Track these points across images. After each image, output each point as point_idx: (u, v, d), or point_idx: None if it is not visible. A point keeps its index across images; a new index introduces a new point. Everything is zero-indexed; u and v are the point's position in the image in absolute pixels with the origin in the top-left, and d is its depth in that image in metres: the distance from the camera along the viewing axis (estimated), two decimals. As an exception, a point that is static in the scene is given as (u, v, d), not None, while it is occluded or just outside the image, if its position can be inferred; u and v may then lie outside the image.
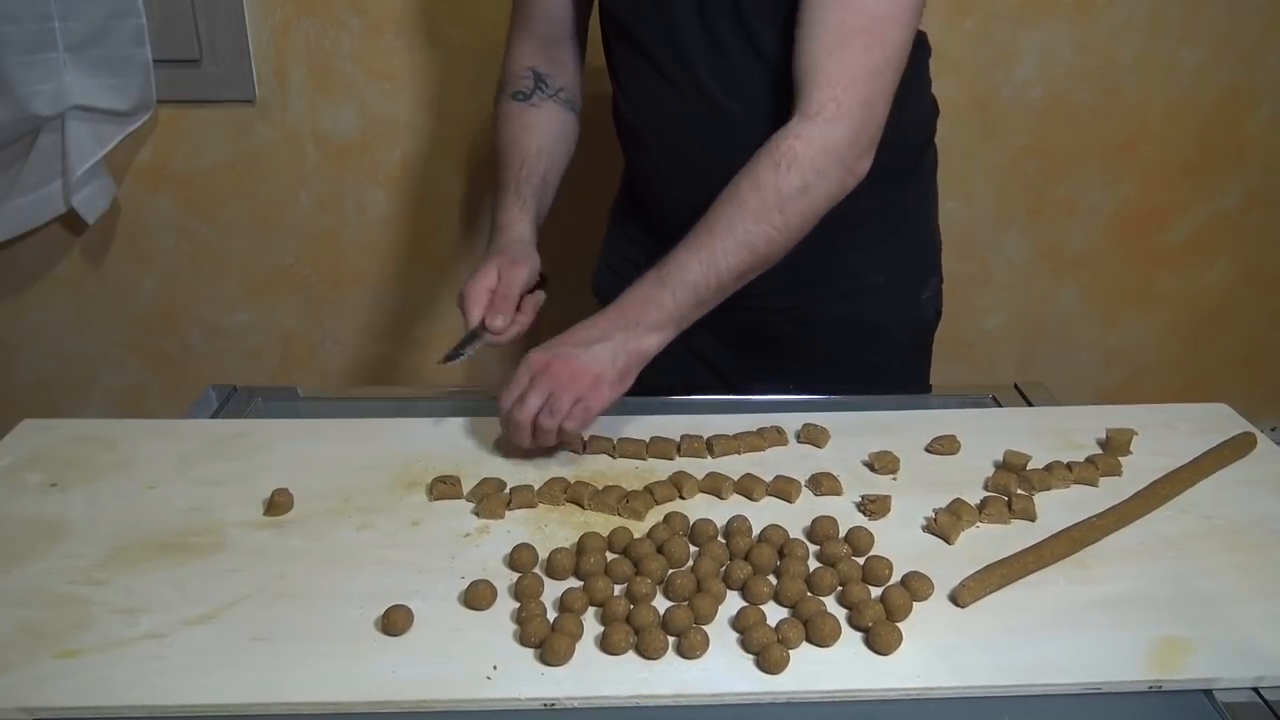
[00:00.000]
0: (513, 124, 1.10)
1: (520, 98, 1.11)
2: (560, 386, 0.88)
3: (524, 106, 1.11)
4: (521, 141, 1.09)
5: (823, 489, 0.87)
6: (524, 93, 1.12)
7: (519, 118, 1.10)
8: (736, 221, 0.91)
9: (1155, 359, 1.98)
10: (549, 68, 1.13)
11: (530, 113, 1.11)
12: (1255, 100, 1.75)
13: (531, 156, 1.08)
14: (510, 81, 1.13)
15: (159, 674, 0.66)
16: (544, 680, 0.67)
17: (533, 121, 1.10)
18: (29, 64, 1.45)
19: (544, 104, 1.12)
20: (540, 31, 1.13)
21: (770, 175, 0.91)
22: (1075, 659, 0.69)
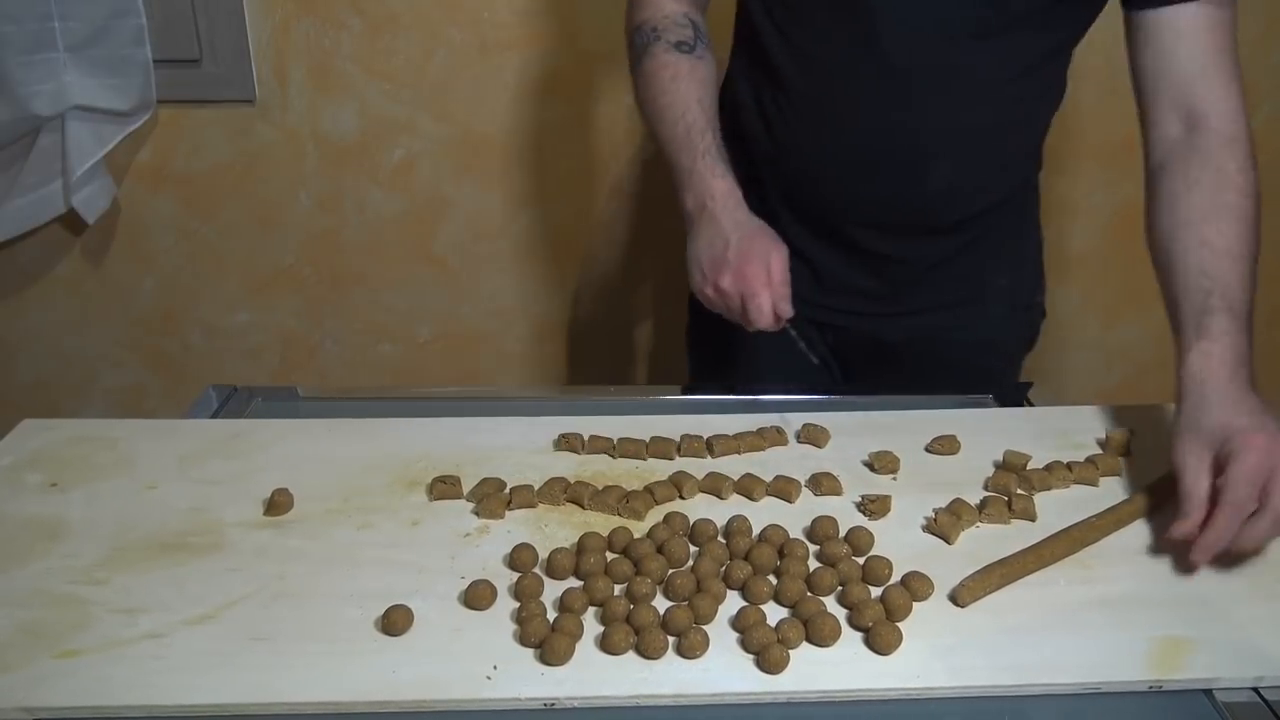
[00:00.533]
0: (686, 80, 1.00)
1: (685, 49, 1.01)
2: None
3: (692, 60, 1.02)
4: (704, 100, 1.00)
5: (823, 489, 0.87)
6: (688, 43, 1.02)
7: (691, 73, 1.01)
8: (1249, 232, 0.88)
9: (1155, 359, 1.98)
10: (698, 14, 1.05)
11: (700, 67, 1.02)
12: (1255, 100, 1.75)
13: (713, 116, 1.00)
14: (666, 28, 1.02)
15: (159, 674, 0.66)
16: (544, 680, 0.67)
17: (704, 77, 1.02)
18: (29, 64, 1.46)
19: (706, 56, 1.03)
20: None
21: (1243, 178, 0.90)
22: (1075, 659, 0.69)
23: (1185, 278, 0.87)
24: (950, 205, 1.06)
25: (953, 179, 1.03)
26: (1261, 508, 0.74)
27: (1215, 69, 0.94)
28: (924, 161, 1.02)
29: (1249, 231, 0.88)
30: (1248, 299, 0.85)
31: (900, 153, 1.01)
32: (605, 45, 1.01)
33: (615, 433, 0.94)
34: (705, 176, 0.96)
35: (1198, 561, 0.75)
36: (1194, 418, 0.81)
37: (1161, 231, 0.91)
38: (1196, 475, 0.78)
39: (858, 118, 1.01)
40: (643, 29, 1.03)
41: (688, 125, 0.98)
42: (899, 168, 1.02)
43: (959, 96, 0.99)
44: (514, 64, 1.62)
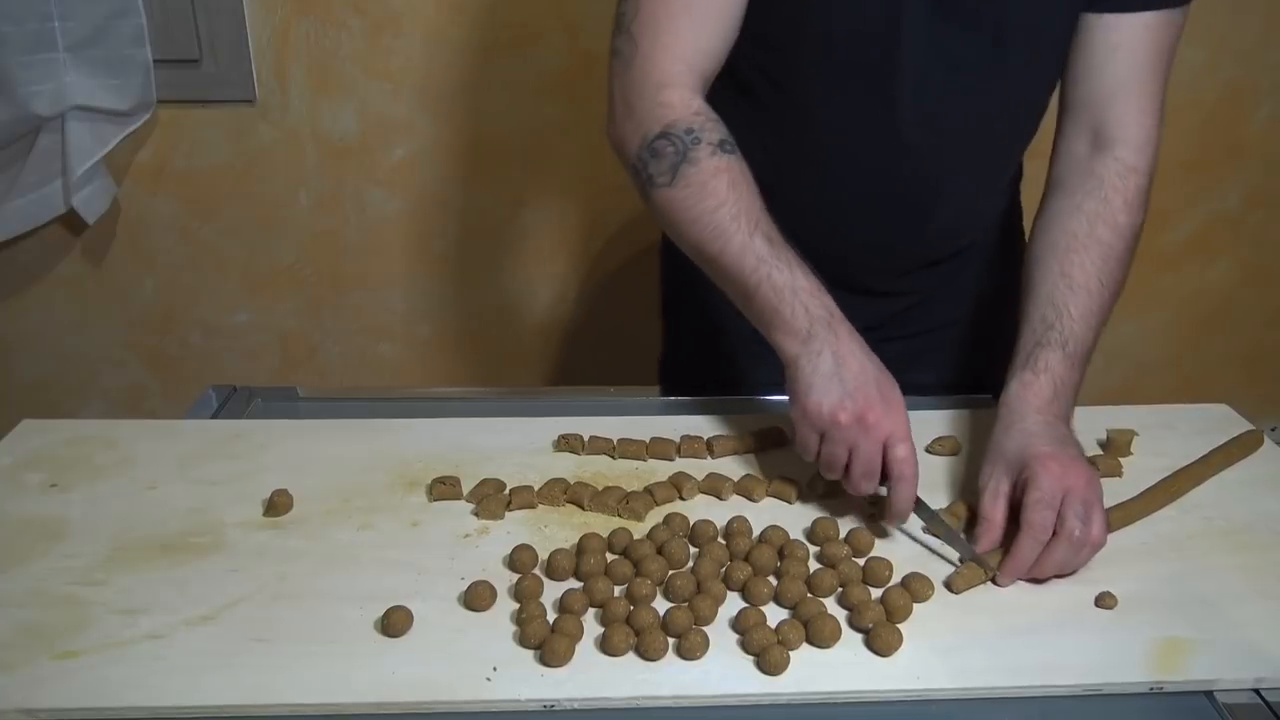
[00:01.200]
0: (745, 186, 0.86)
1: (729, 148, 0.87)
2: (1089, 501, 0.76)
3: (737, 159, 0.87)
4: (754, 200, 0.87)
5: (823, 490, 0.87)
6: (729, 143, 0.87)
7: (744, 175, 0.87)
8: (1107, 274, 0.89)
9: (1155, 359, 1.98)
10: None
11: (744, 167, 0.88)
12: (1255, 100, 1.75)
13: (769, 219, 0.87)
14: (703, 127, 0.86)
15: (159, 674, 0.66)
16: (544, 681, 0.67)
17: (749, 175, 0.88)
18: (29, 64, 1.46)
19: (742, 157, 0.88)
20: (706, 58, 0.90)
21: (1125, 217, 0.90)
22: (1075, 659, 0.69)
23: (1035, 305, 0.89)
24: (950, 240, 1.05)
25: (956, 216, 1.02)
26: (1056, 533, 0.75)
27: (1138, 90, 0.92)
28: (927, 206, 0.99)
29: (1114, 271, 0.90)
30: (1089, 336, 0.88)
31: (905, 199, 0.98)
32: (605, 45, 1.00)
33: (615, 433, 0.94)
34: (810, 291, 0.83)
35: (1004, 584, 0.76)
36: (999, 442, 0.82)
37: (1034, 249, 0.93)
38: (993, 499, 0.80)
39: (860, 166, 0.97)
40: (672, 134, 0.86)
41: (766, 236, 0.84)
42: (903, 213, 0.99)
43: (963, 145, 0.96)
44: (514, 64, 1.62)
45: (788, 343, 0.83)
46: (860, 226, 0.99)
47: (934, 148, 0.95)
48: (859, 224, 0.99)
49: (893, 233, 1.00)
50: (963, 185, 0.99)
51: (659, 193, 0.87)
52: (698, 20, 0.87)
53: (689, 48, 0.88)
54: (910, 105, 0.92)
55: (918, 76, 0.90)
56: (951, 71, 0.91)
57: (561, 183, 1.71)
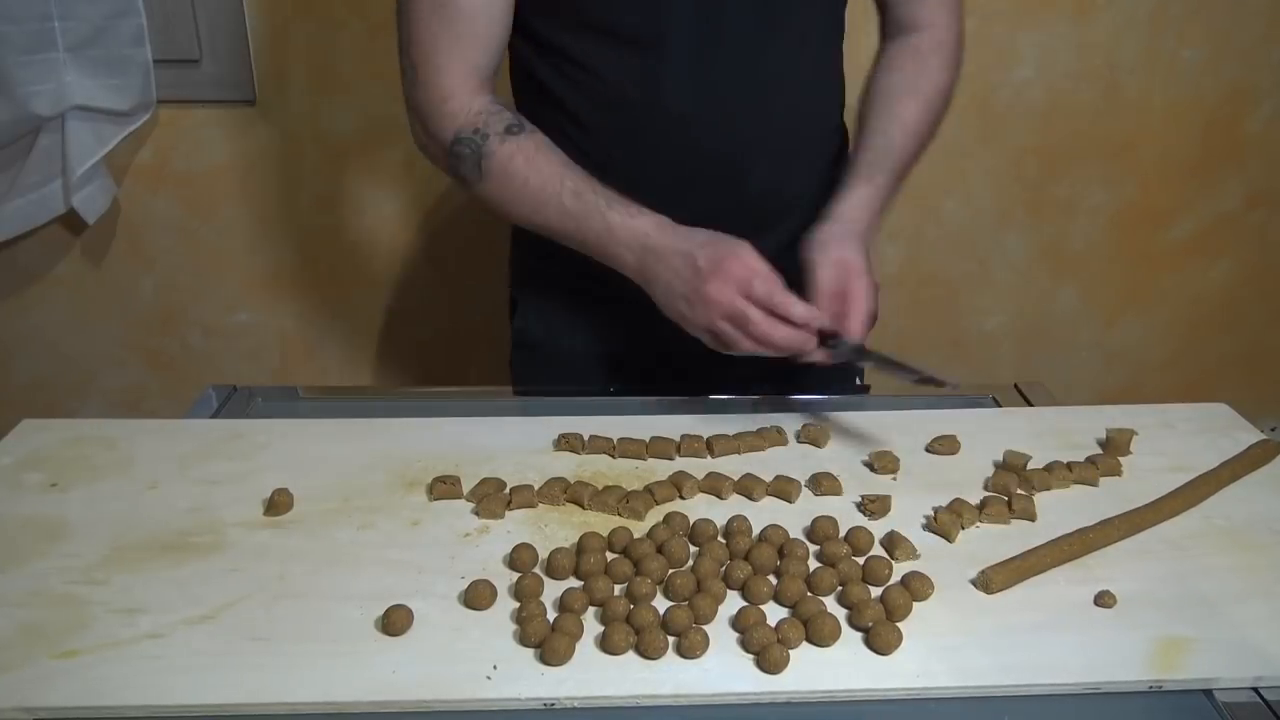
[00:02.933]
0: (540, 155, 0.94)
1: (515, 130, 0.95)
2: None
3: (529, 136, 0.95)
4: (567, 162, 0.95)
5: (823, 489, 0.87)
6: (516, 125, 0.95)
7: (538, 148, 0.95)
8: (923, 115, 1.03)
9: (1155, 359, 1.98)
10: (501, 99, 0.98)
11: (540, 139, 0.96)
12: (1256, 100, 1.75)
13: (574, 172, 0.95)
14: (487, 123, 0.95)
15: (159, 674, 0.66)
16: (544, 680, 0.67)
17: (544, 145, 0.96)
18: (29, 64, 1.46)
19: (535, 129, 0.96)
20: (479, 62, 0.97)
21: (945, 76, 1.05)
22: (1075, 659, 0.69)
23: (872, 137, 1.01)
24: (772, 202, 1.06)
25: (769, 179, 1.04)
26: None
27: None
28: (739, 171, 1.01)
29: (932, 118, 1.04)
30: (908, 166, 1.03)
31: (711, 168, 1.00)
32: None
33: (615, 433, 0.94)
34: (627, 222, 0.92)
35: None
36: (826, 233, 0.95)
37: (860, 108, 1.04)
38: None
39: (663, 145, 0.99)
40: (462, 137, 0.95)
41: (573, 190, 0.93)
42: (716, 181, 1.01)
43: (754, 102, 0.99)
44: (514, 64, 1.62)
45: (632, 278, 0.93)
46: (674, 204, 0.98)
47: (719, 119, 0.98)
48: (672, 202, 0.98)
49: (708, 205, 0.99)
50: (766, 150, 1.02)
51: (475, 189, 0.97)
52: (462, 39, 0.95)
53: (459, 63, 0.96)
54: (685, 81, 0.96)
55: (691, 52, 0.95)
56: (718, 42, 0.95)
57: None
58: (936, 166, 1.76)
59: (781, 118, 1.02)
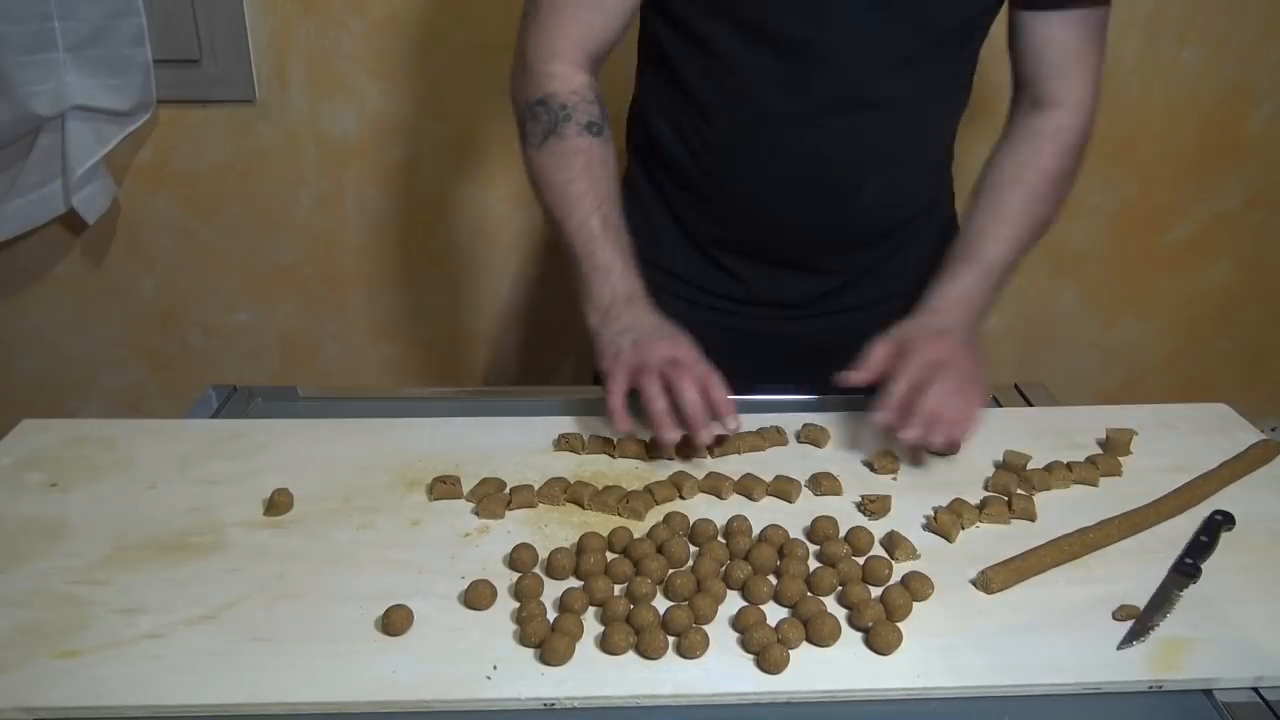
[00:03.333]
0: (599, 168, 0.95)
1: (596, 130, 0.96)
2: (964, 381, 0.88)
3: (604, 144, 0.96)
4: (615, 194, 0.96)
5: (823, 489, 0.87)
6: (598, 124, 0.96)
7: (604, 161, 0.96)
8: (1029, 207, 1.00)
9: (1155, 359, 1.98)
10: (598, 88, 0.98)
11: (610, 154, 0.97)
12: (1256, 100, 1.75)
13: (617, 201, 0.96)
14: (577, 106, 0.95)
15: (159, 674, 0.66)
16: (544, 680, 0.67)
17: (614, 167, 0.97)
18: (29, 64, 1.46)
19: (611, 139, 0.97)
20: (597, 38, 0.97)
21: (1053, 162, 1.01)
22: (1075, 659, 0.69)
23: (970, 227, 1.01)
24: (881, 218, 1.08)
25: (883, 195, 1.05)
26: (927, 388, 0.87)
27: (1075, 69, 1.02)
28: (855, 182, 1.03)
29: (1036, 207, 1.01)
30: (1002, 255, 0.99)
31: (832, 177, 1.02)
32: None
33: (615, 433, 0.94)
34: (622, 275, 0.94)
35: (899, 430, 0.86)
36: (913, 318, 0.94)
37: (977, 183, 1.04)
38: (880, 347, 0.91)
39: (788, 147, 1.00)
40: (549, 104, 0.96)
41: (604, 218, 0.94)
42: (831, 190, 1.02)
43: (885, 120, 1.00)
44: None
45: (592, 315, 0.94)
46: (789, 206, 1.03)
47: (855, 131, 0.99)
48: (787, 203, 1.03)
49: (820, 212, 1.04)
50: (886, 166, 1.03)
51: (529, 151, 0.98)
52: (590, 12, 0.96)
53: (580, 26, 0.96)
54: (831, 90, 0.97)
55: (839, 62, 0.95)
56: (870, 58, 0.96)
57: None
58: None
59: (905, 140, 1.04)
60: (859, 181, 1.03)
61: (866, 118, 0.99)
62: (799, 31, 0.93)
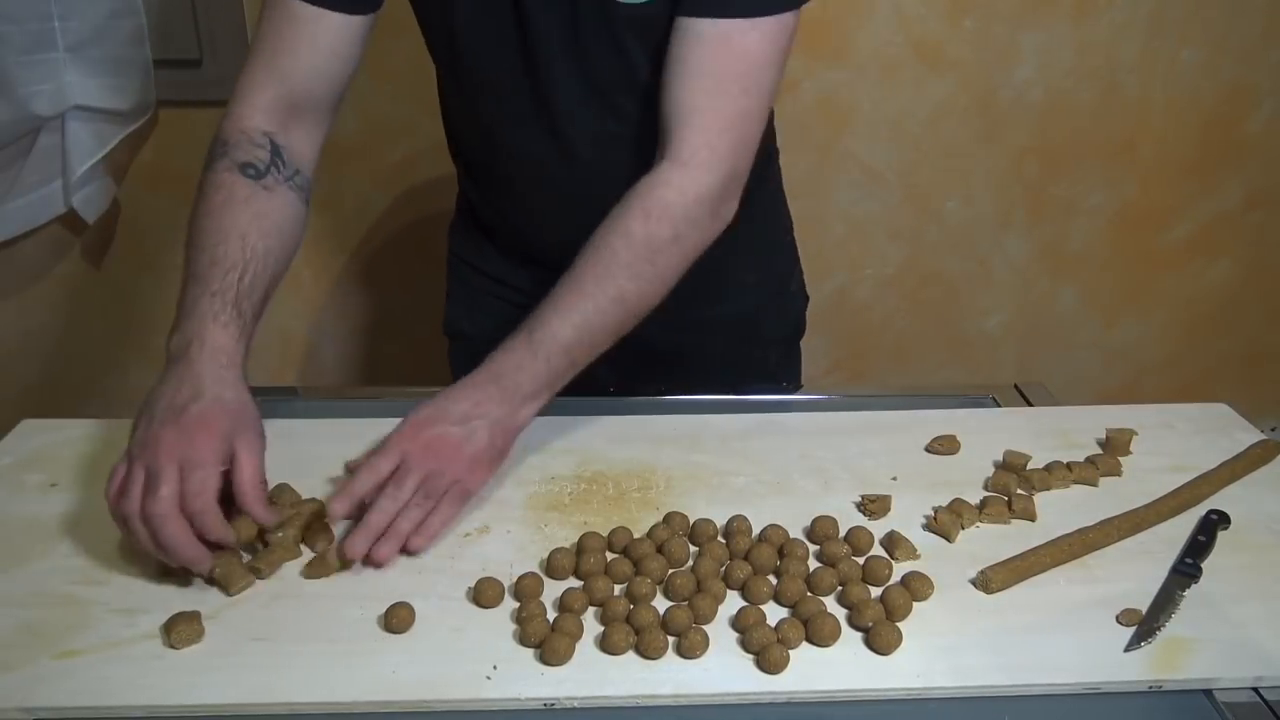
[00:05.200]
0: (237, 208, 0.88)
1: (251, 173, 0.90)
2: (437, 469, 0.80)
3: (254, 187, 0.90)
4: (248, 235, 0.88)
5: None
6: (257, 167, 0.90)
7: (247, 201, 0.89)
8: (607, 277, 0.86)
9: (1155, 359, 1.98)
10: (288, 137, 0.94)
11: (261, 198, 0.90)
12: (1255, 100, 1.75)
13: (258, 258, 0.89)
14: (238, 145, 0.91)
15: (159, 674, 0.66)
16: (544, 680, 0.67)
17: (264, 210, 0.90)
18: (29, 64, 1.46)
19: (277, 188, 0.91)
20: (291, 85, 0.94)
21: (640, 226, 0.86)
22: (1075, 659, 0.69)
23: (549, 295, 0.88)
24: None
25: None
26: None
27: (702, 113, 0.88)
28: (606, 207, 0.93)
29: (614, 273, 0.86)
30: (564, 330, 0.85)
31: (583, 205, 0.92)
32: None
33: (614, 432, 0.94)
34: (206, 320, 0.84)
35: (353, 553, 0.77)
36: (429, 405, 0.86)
37: None
38: None
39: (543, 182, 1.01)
40: (219, 139, 0.92)
41: (215, 259, 0.86)
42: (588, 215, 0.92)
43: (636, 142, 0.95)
44: (514, 64, 1.62)
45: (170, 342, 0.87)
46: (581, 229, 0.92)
47: (594, 158, 0.97)
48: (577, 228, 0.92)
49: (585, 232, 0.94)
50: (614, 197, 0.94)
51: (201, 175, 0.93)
52: (293, 49, 0.93)
53: (274, 73, 0.94)
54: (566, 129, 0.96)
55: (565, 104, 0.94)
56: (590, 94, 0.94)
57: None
58: (937, 166, 1.76)
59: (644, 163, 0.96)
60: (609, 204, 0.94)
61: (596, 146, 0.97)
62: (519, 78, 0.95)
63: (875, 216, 1.80)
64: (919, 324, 1.90)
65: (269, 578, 0.76)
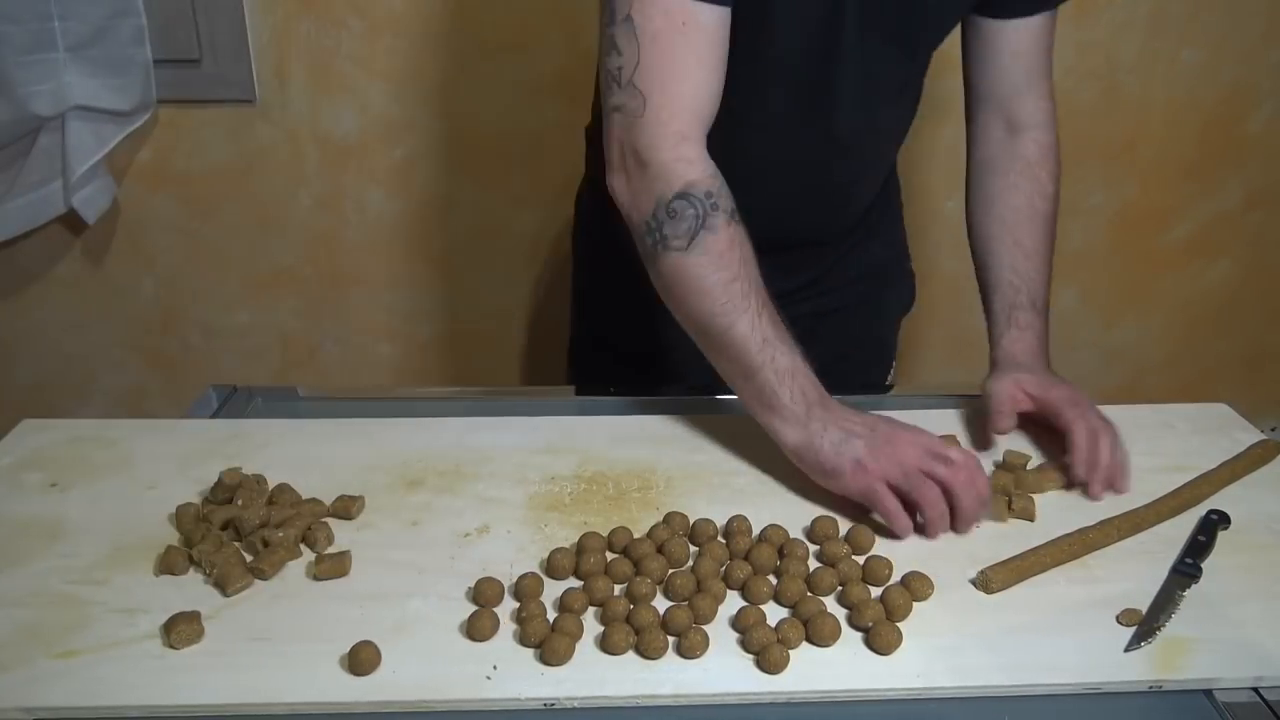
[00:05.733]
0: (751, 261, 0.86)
1: (739, 219, 0.86)
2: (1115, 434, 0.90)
3: (745, 231, 0.86)
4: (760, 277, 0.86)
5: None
6: (737, 212, 0.86)
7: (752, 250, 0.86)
8: (1048, 239, 1.03)
9: (1155, 359, 1.98)
10: None
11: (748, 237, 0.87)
12: (1256, 100, 1.75)
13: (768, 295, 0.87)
14: (719, 193, 0.84)
15: (158, 674, 0.66)
16: (544, 680, 0.67)
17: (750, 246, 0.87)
18: (29, 64, 1.46)
19: None
20: (710, 104, 0.86)
21: (1053, 186, 1.05)
22: (1075, 659, 0.69)
23: (999, 273, 1.02)
24: (857, 215, 1.14)
25: (864, 198, 1.13)
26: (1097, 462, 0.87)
27: (1038, 82, 1.04)
28: (848, 194, 1.10)
29: (1052, 233, 1.04)
30: (1047, 294, 1.02)
31: (833, 190, 1.07)
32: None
33: (613, 432, 0.94)
34: (807, 376, 0.85)
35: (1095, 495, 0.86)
36: (1008, 369, 0.96)
37: (981, 226, 1.05)
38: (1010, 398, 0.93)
39: (799, 170, 1.03)
40: (692, 196, 0.83)
41: (771, 318, 0.84)
42: (829, 200, 1.08)
43: (881, 140, 1.08)
44: (514, 64, 1.62)
45: (786, 430, 0.84)
46: (788, 217, 1.06)
47: (862, 146, 1.04)
48: (793, 212, 1.06)
49: (820, 217, 1.09)
50: (873, 175, 1.11)
51: (673, 256, 0.84)
52: (705, 64, 0.84)
53: (701, 96, 0.84)
54: (847, 111, 0.98)
55: (854, 86, 0.96)
56: (875, 78, 0.97)
57: (561, 183, 1.71)
58: (937, 166, 1.76)
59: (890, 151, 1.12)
60: (855, 190, 1.10)
61: (868, 134, 1.04)
62: (816, 58, 0.93)
63: (875, 216, 1.80)
64: (919, 324, 1.90)
65: (271, 578, 0.76)
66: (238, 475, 0.85)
